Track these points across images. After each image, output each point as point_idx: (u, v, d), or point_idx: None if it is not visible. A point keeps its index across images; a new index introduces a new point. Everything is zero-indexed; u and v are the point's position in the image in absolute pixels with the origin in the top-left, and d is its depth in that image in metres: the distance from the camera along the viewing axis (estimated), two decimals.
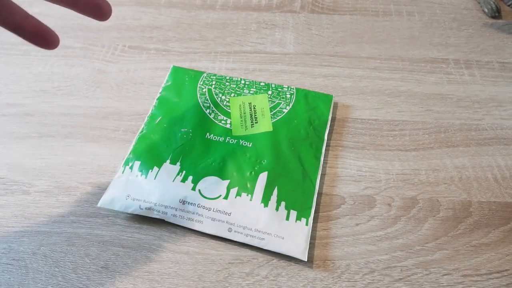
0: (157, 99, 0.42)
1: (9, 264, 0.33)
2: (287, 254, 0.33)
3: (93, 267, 0.33)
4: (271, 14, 0.52)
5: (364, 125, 0.42)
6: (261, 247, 0.33)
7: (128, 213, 0.36)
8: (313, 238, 0.35)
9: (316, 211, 0.36)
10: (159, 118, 0.40)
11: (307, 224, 0.34)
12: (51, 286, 0.32)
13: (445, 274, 0.33)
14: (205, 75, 0.44)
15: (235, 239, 0.34)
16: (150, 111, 0.41)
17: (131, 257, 0.34)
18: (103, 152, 0.40)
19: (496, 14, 0.51)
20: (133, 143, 0.39)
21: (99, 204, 0.35)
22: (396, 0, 0.54)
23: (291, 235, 0.33)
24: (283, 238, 0.33)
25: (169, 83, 0.44)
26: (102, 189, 0.37)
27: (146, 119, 0.41)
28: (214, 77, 0.44)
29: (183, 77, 0.44)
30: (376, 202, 0.37)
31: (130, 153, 0.38)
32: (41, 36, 0.28)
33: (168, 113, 0.41)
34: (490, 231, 0.35)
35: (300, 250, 0.33)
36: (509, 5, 0.51)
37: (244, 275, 0.33)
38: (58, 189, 0.37)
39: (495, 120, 0.42)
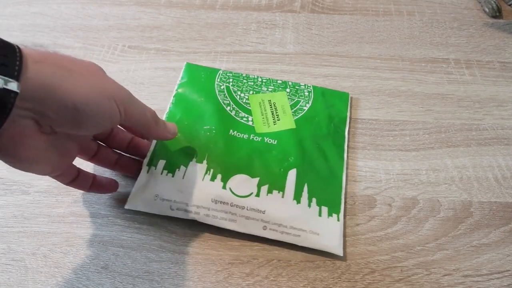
0: (173, 96, 0.42)
1: (9, 264, 0.33)
2: (323, 249, 0.33)
3: (93, 267, 0.33)
4: (271, 14, 0.52)
5: (364, 125, 0.41)
6: (296, 243, 0.33)
7: (157, 215, 0.35)
8: None
9: None
10: (179, 116, 0.40)
11: (338, 220, 0.34)
12: (51, 286, 0.32)
13: (446, 275, 0.33)
14: (221, 72, 0.44)
15: (270, 237, 0.33)
16: (167, 108, 0.41)
17: (131, 257, 0.34)
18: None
19: (497, 13, 0.51)
20: (154, 143, 0.38)
21: (126, 206, 0.34)
22: (396, 0, 0.54)
23: (326, 231, 0.34)
24: (318, 234, 0.33)
25: (185, 80, 0.43)
26: None
27: (164, 116, 0.40)
28: (231, 75, 0.43)
29: (198, 74, 0.43)
30: (377, 202, 0.36)
31: (152, 152, 0.37)
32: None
33: (187, 110, 0.40)
34: (491, 231, 0.35)
35: (335, 246, 0.33)
36: (510, 5, 0.51)
37: (244, 275, 0.33)
38: (58, 189, 0.37)
39: (496, 120, 0.42)
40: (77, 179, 0.33)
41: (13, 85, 0.21)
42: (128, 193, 0.36)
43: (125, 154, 0.37)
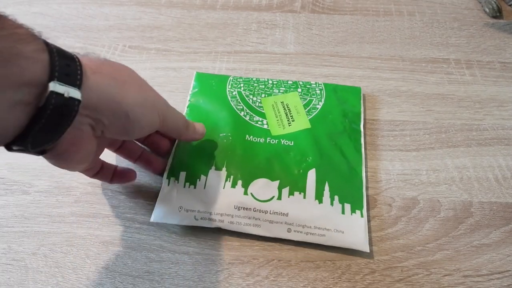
0: (187, 107, 0.41)
1: (9, 264, 0.33)
2: (348, 247, 0.33)
3: (93, 267, 0.33)
4: (271, 14, 0.52)
5: (365, 125, 0.41)
6: (321, 243, 0.33)
7: (184, 225, 0.35)
8: None
9: None
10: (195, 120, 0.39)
11: (362, 216, 0.34)
12: (51, 286, 0.32)
13: (446, 275, 0.33)
14: (231, 78, 0.43)
15: (295, 239, 0.34)
16: None
17: (132, 257, 0.34)
18: (103, 152, 0.40)
19: (497, 14, 0.51)
20: (172, 153, 0.38)
21: (152, 219, 0.34)
22: (396, 0, 0.54)
23: (350, 228, 0.34)
24: (343, 232, 0.33)
25: (196, 89, 0.43)
26: (102, 188, 0.37)
27: None
28: (241, 80, 0.43)
29: (209, 82, 0.43)
30: (377, 202, 0.36)
31: (172, 165, 0.37)
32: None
33: (202, 120, 0.39)
34: (491, 231, 0.35)
35: (361, 242, 0.33)
36: (510, 5, 0.51)
37: (244, 275, 0.33)
38: (58, 189, 0.37)
39: (496, 120, 0.42)
40: (101, 171, 0.34)
41: (76, 94, 0.22)
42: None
43: (148, 150, 0.38)
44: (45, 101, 0.21)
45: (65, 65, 0.22)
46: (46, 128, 0.22)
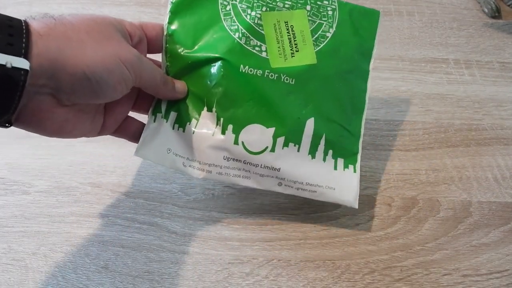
0: (168, 23, 0.33)
1: (9, 264, 0.33)
2: (339, 203, 0.33)
3: (93, 267, 0.33)
4: None
5: (364, 125, 0.42)
6: (312, 198, 0.33)
7: (170, 168, 0.33)
8: (313, 238, 0.35)
9: (317, 211, 0.36)
10: (180, 50, 0.32)
11: (355, 171, 0.33)
12: (51, 286, 0.32)
13: (445, 274, 0.33)
14: None
15: (285, 193, 0.32)
16: (165, 31, 0.33)
17: (131, 257, 0.34)
18: (103, 152, 0.40)
19: (496, 14, 0.51)
20: None
21: (135, 154, 0.32)
22: (396, 0, 0.54)
23: (342, 185, 0.33)
24: (334, 189, 0.32)
25: None
26: (102, 188, 0.37)
27: (163, 47, 0.33)
28: None
29: None
30: (376, 202, 0.37)
31: (159, 99, 0.33)
32: None
33: (189, 44, 0.32)
34: (490, 231, 0.35)
35: (351, 200, 0.32)
36: (509, 5, 0.51)
37: (244, 275, 0.33)
38: (58, 189, 0.37)
39: (495, 120, 0.42)
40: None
41: (22, 63, 0.21)
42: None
43: None
44: None
45: (8, 35, 0.21)
46: None
